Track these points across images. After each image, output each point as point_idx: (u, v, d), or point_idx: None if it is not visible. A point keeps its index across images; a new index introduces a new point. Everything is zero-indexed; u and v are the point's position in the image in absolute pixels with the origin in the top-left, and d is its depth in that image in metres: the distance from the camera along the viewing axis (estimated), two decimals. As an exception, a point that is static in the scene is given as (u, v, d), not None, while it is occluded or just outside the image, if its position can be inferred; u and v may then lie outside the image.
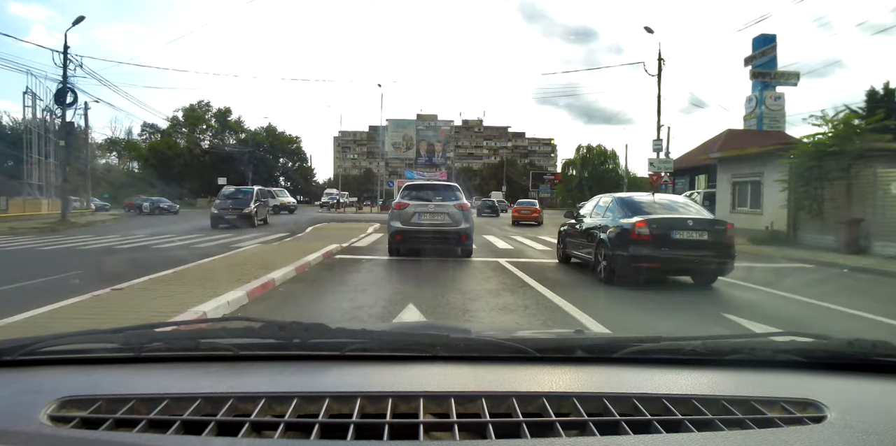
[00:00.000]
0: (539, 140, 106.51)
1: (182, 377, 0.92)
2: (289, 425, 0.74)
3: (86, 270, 7.72)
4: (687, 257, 6.32)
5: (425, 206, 9.19)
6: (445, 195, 9.53)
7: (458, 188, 9.92)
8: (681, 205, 7.30)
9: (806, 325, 4.73)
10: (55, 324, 3.81)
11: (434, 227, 9.09)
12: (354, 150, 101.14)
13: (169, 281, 5.95)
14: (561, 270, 8.50)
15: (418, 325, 1.80)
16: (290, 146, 63.21)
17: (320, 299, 5.80)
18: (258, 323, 1.04)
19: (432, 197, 9.45)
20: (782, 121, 33.63)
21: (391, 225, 9.31)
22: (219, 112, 55.74)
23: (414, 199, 9.40)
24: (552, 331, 2.37)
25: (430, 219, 9.12)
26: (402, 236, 9.21)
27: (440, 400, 0.81)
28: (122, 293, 5.16)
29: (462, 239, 9.17)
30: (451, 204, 9.27)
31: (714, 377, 0.95)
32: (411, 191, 9.76)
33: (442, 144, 54.90)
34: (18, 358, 0.94)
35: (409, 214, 9.17)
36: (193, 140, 53.60)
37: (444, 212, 9.15)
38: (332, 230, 16.06)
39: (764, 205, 15.11)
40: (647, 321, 4.91)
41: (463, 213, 9.23)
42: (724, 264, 6.45)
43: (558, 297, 5.67)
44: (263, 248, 10.27)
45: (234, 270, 6.75)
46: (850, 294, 6.80)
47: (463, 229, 9.15)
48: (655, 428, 0.74)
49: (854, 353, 1.02)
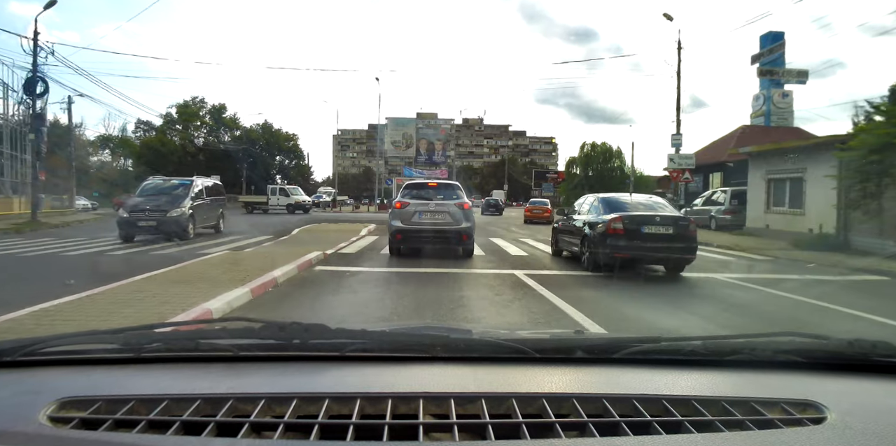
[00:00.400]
0: (540, 139, 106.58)
1: (182, 377, 0.93)
2: (288, 426, 0.74)
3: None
4: (654, 248, 7.38)
5: (426, 205, 9.04)
6: (446, 194, 9.39)
7: (459, 187, 9.78)
8: (654, 204, 8.24)
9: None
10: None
11: (435, 226, 8.95)
12: (354, 149, 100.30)
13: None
14: (588, 284, 6.92)
15: (418, 326, 1.69)
16: (286, 144, 61.27)
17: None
18: (258, 323, 1.04)
19: (433, 195, 9.30)
20: (790, 119, 32.47)
21: (392, 224, 9.16)
22: (213, 108, 54.21)
23: (414, 198, 9.23)
24: (552, 332, 2.35)
25: (431, 218, 8.97)
26: (402, 235, 9.09)
27: (440, 401, 0.81)
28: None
29: (463, 238, 9.03)
30: (452, 203, 9.12)
31: (714, 378, 0.96)
32: (412, 189, 9.59)
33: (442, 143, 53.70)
34: (18, 359, 0.95)
35: (409, 213, 9.01)
36: (187, 137, 51.56)
37: (444, 211, 9.00)
38: (320, 232, 14.47)
39: (807, 205, 13.58)
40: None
41: (464, 212, 9.07)
42: (687, 255, 7.51)
43: (597, 326, 4.42)
44: (221, 260, 7.89)
45: (142, 302, 4.67)
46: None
47: (464, 228, 9.00)
48: (655, 429, 0.74)
49: (854, 354, 1.02)
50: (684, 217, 8.13)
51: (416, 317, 4.94)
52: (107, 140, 51.03)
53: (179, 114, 52.72)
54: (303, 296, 5.82)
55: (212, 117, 54.24)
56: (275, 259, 7.60)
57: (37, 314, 4.04)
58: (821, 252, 10.79)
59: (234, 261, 7.71)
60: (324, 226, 16.79)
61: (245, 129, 56.47)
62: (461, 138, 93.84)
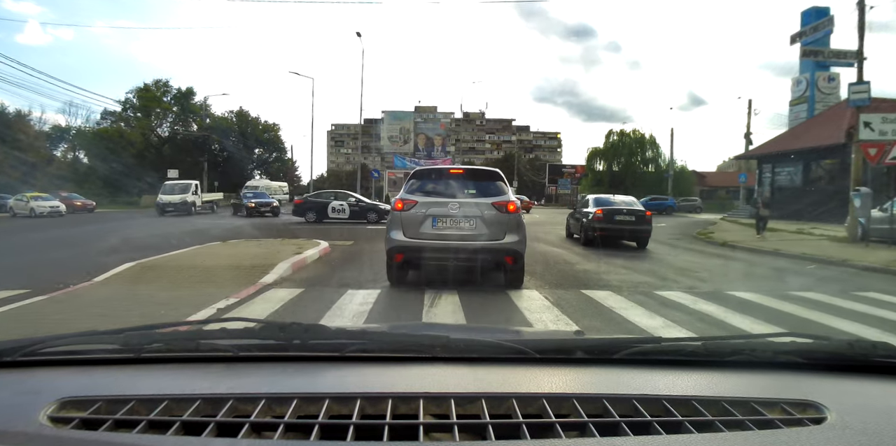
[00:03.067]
0: (545, 134, 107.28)
1: (182, 378, 0.99)
2: (288, 426, 0.79)
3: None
4: (622, 229, 12.69)
5: (445, 206, 6.31)
6: (479, 187, 6.59)
7: (499, 175, 6.85)
8: (627, 202, 13.60)
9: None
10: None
11: (459, 242, 6.24)
12: (349, 145, 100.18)
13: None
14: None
15: (418, 326, 1.91)
16: (266, 135, 59.61)
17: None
18: (258, 324, 1.10)
19: (457, 190, 6.54)
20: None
21: (390, 237, 6.49)
22: (179, 93, 52.03)
23: (427, 194, 6.50)
24: (552, 332, 2.53)
25: (454, 226, 6.28)
26: (405, 255, 6.45)
27: (440, 401, 0.87)
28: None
29: (507, 260, 6.39)
30: (489, 201, 6.35)
31: (714, 378, 1.02)
32: (423, 180, 6.76)
33: (441, 138, 53.20)
34: (18, 359, 1.01)
35: (417, 219, 6.33)
36: (146, 125, 49.82)
37: (476, 215, 6.29)
38: (184, 269, 7.62)
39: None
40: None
41: (509, 218, 6.32)
42: (643, 234, 12.85)
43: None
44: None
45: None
46: None
47: (508, 245, 6.29)
48: (655, 429, 0.80)
49: (854, 354, 1.08)
50: (641, 209, 13.17)
51: None
52: (63, 132, 49.57)
53: (139, 100, 51.05)
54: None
55: (177, 103, 52.64)
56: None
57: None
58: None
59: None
60: (217, 250, 10.10)
61: (216, 117, 55.06)
62: (461, 133, 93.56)
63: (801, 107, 31.47)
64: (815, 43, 29.92)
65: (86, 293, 6.16)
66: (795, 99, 32.23)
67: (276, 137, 62.37)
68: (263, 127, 61.12)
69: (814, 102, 30.57)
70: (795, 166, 26.46)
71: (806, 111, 30.70)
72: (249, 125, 59.62)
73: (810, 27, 30.36)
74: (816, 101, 30.60)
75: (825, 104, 29.92)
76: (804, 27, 30.95)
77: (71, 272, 7.46)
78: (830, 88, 30.87)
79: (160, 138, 52.40)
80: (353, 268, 8.65)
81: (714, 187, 53.13)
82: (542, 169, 69.01)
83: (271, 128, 62.01)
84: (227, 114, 58.98)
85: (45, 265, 9.01)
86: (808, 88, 31.04)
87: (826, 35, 29.78)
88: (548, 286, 7.09)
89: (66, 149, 50.43)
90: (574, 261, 10.10)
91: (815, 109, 30.14)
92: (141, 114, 50.93)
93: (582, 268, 9.20)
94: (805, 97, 31.27)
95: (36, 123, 48.15)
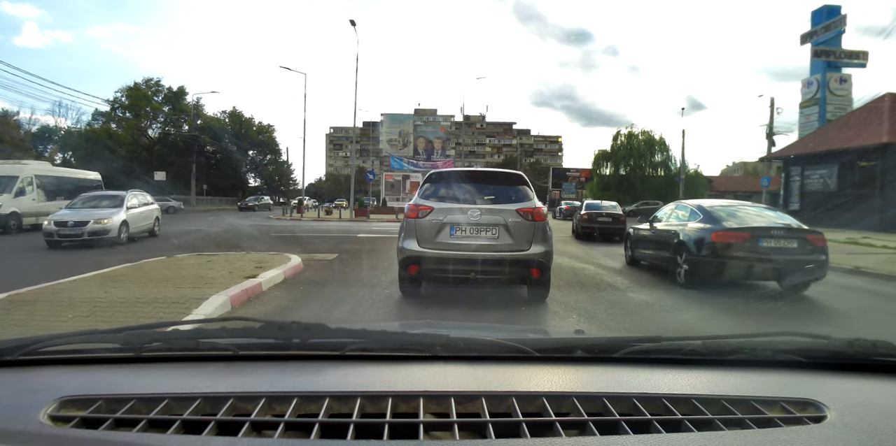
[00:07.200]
0: (546, 137, 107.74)
1: (182, 377, 1.00)
2: (289, 425, 0.81)
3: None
4: (602, 223, 17.26)
5: (464, 213, 5.99)
6: (501, 192, 6.28)
7: (524, 179, 6.55)
8: (610, 206, 18.59)
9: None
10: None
11: (480, 253, 5.91)
12: (348, 148, 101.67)
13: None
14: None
15: (418, 325, 1.91)
16: (259, 136, 59.45)
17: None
18: (258, 323, 1.11)
19: (477, 195, 6.21)
20: (850, 108, 30.69)
21: (403, 246, 6.14)
22: (170, 93, 51.81)
23: (444, 200, 6.22)
24: (552, 331, 2.54)
25: (474, 236, 5.98)
26: (420, 266, 6.08)
27: (440, 400, 0.89)
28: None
29: (533, 273, 6.02)
30: (513, 208, 6.05)
31: (714, 377, 1.04)
32: (439, 184, 6.45)
33: (441, 141, 53.10)
34: (18, 358, 1.02)
35: (433, 227, 6.03)
36: (135, 125, 49.57)
37: (498, 223, 5.97)
38: (75, 304, 5.35)
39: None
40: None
41: (534, 226, 6.03)
42: (618, 233, 15.83)
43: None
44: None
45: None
46: None
47: (534, 256, 5.96)
48: (655, 427, 0.82)
49: (854, 353, 1.10)
50: (619, 214, 17.74)
51: None
52: (51, 132, 49.29)
53: (129, 99, 50.58)
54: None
55: (168, 103, 52.41)
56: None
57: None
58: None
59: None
60: (148, 270, 7.76)
61: (209, 118, 54.86)
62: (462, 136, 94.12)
63: (812, 108, 31.37)
64: (827, 43, 29.97)
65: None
66: (806, 101, 32.13)
67: (270, 139, 62.40)
68: (258, 128, 61.19)
69: (825, 104, 30.46)
70: (829, 168, 24.17)
71: (817, 113, 30.60)
72: (243, 126, 59.69)
73: (822, 27, 30.37)
74: (828, 102, 30.49)
75: (837, 106, 29.84)
76: (815, 27, 30.93)
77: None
78: (843, 90, 30.75)
79: (150, 139, 52.15)
80: (333, 301, 6.41)
81: (721, 192, 53.12)
82: (543, 173, 68.83)
83: (265, 129, 62.05)
84: (219, 115, 59.12)
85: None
86: (819, 90, 30.93)
87: (838, 35, 29.85)
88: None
89: (53, 150, 50.10)
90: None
91: (827, 111, 30.03)
92: (130, 114, 50.67)
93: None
94: (816, 99, 31.16)
95: (25, 124, 47.93)
